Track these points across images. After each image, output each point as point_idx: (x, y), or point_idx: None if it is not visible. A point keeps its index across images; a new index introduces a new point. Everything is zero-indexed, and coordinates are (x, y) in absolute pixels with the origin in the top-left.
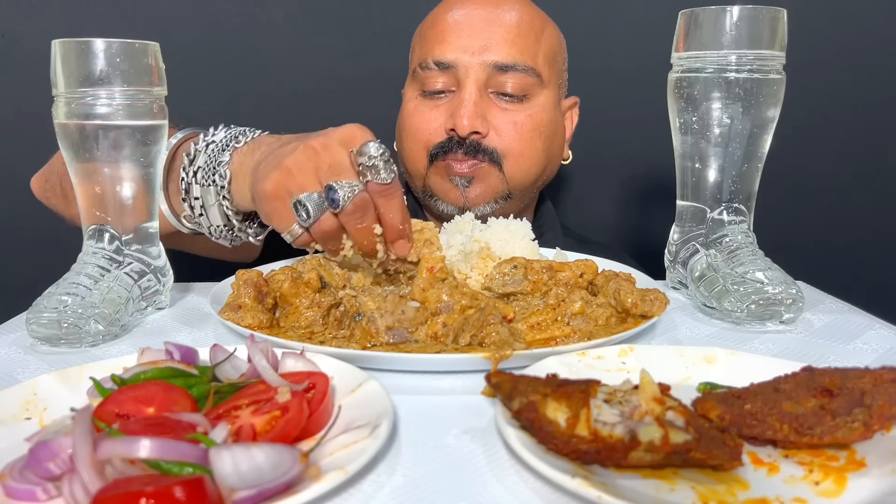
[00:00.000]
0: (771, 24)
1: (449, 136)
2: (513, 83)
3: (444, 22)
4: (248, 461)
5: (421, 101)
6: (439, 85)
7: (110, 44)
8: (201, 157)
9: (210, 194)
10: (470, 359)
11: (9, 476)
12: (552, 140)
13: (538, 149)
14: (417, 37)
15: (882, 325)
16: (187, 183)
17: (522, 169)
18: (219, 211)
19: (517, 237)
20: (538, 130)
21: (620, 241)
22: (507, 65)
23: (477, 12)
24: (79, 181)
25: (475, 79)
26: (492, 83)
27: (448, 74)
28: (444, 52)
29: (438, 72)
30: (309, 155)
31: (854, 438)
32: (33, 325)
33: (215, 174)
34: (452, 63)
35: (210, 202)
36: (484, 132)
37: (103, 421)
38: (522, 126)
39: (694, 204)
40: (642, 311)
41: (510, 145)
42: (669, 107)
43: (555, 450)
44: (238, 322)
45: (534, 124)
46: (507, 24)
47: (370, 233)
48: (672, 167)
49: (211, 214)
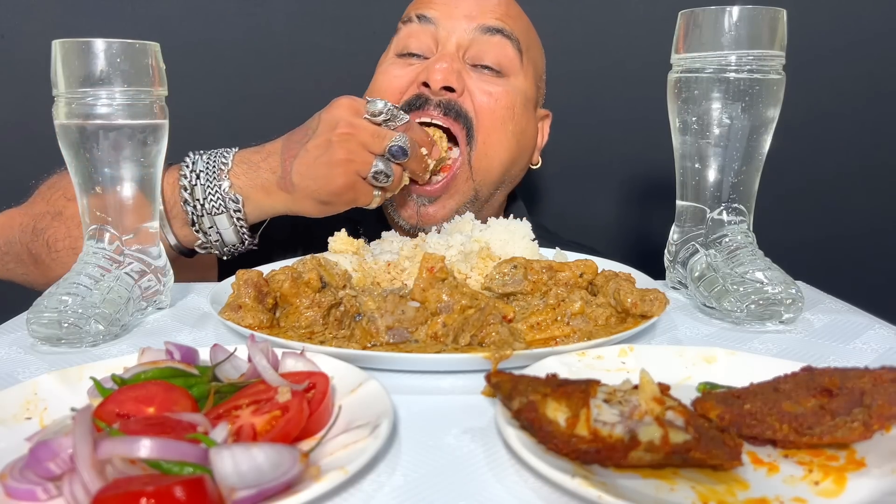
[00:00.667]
0: (771, 24)
1: (418, 93)
2: (494, 53)
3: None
4: (248, 461)
5: (394, 59)
6: (418, 44)
7: (110, 44)
8: (198, 190)
9: (224, 221)
10: (470, 359)
11: (9, 476)
12: (523, 134)
13: (508, 133)
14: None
15: (882, 325)
16: (197, 216)
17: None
18: (235, 234)
19: (517, 237)
20: (511, 111)
21: (620, 242)
22: (493, 27)
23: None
24: (79, 181)
25: (457, 41)
26: (471, 52)
27: (427, 33)
28: (429, 7)
29: (419, 26)
30: (349, 139)
31: (854, 438)
32: (34, 325)
33: (226, 200)
34: (435, 20)
35: (225, 226)
36: (458, 90)
37: (104, 421)
38: (497, 100)
39: (694, 204)
40: (642, 311)
41: (483, 115)
42: (669, 107)
43: (555, 450)
44: (238, 322)
45: (508, 102)
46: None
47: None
48: (672, 167)
49: (226, 237)
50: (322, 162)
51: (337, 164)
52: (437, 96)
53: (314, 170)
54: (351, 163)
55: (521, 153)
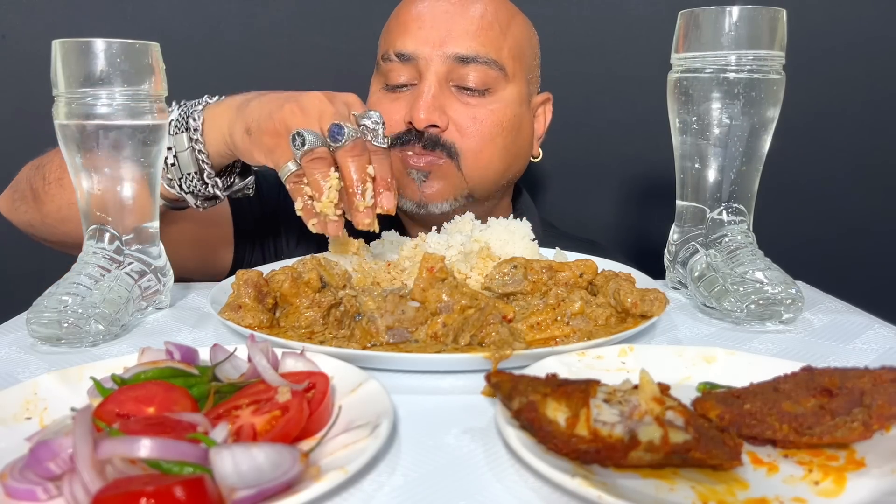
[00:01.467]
0: (770, 25)
1: (407, 129)
2: (474, 76)
3: (406, 13)
4: (248, 461)
5: (383, 94)
6: (402, 78)
7: (111, 44)
8: (174, 112)
9: (182, 140)
10: (470, 359)
11: (9, 476)
12: (516, 136)
13: (498, 146)
14: (383, 30)
15: (882, 325)
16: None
17: (480, 167)
18: (190, 157)
19: (517, 237)
20: (500, 126)
21: (620, 242)
22: (468, 56)
23: (440, 4)
24: (79, 181)
25: (435, 71)
26: (453, 76)
27: (409, 67)
28: (405, 44)
29: (400, 64)
30: (321, 99)
31: (853, 438)
32: (34, 325)
33: (188, 119)
34: (412, 55)
35: (182, 147)
36: (443, 126)
37: (104, 421)
38: (483, 122)
39: (693, 204)
40: (642, 310)
41: (469, 142)
42: (669, 107)
43: (555, 449)
44: (238, 322)
45: (495, 120)
46: (469, 16)
47: (364, 167)
48: (672, 167)
49: (182, 161)
50: (275, 99)
51: (281, 107)
52: (421, 131)
53: (267, 102)
54: (293, 114)
55: (516, 155)
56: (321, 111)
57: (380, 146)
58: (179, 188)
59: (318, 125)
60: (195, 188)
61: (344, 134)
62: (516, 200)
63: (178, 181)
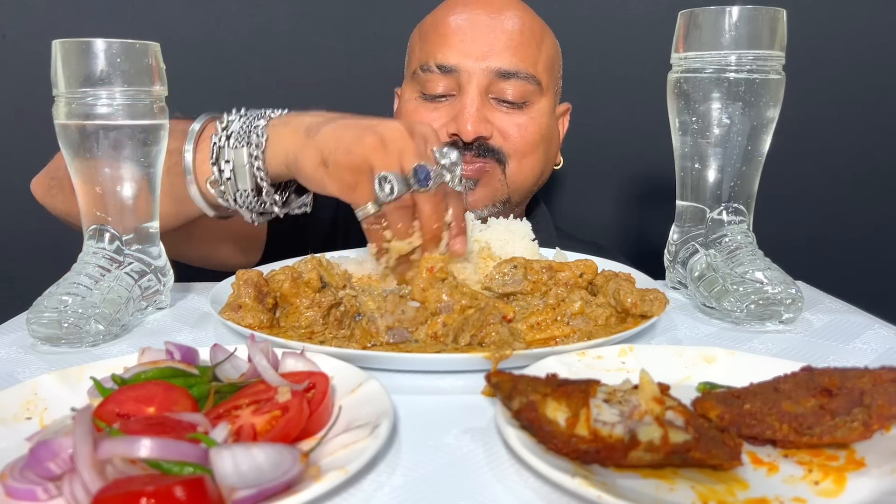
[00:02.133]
0: (770, 25)
1: (452, 141)
2: (513, 90)
3: (446, 25)
4: (248, 461)
5: (420, 102)
6: (440, 88)
7: (111, 44)
8: (236, 123)
9: (242, 156)
10: (470, 359)
11: (9, 476)
12: (549, 145)
13: (539, 153)
14: (417, 38)
15: (882, 325)
16: (218, 147)
17: (524, 172)
18: (249, 173)
19: (517, 237)
20: (539, 134)
21: (620, 242)
22: (509, 72)
23: (480, 17)
24: (79, 181)
25: (477, 84)
26: (493, 89)
27: (450, 78)
28: (447, 56)
29: (440, 75)
30: (402, 133)
31: (853, 438)
32: (34, 325)
33: (251, 134)
34: (455, 67)
35: (242, 163)
36: (488, 135)
37: (104, 421)
38: (525, 128)
39: (693, 204)
40: (642, 311)
41: (515, 147)
42: (669, 107)
43: (555, 449)
44: (238, 322)
45: (536, 128)
46: (509, 30)
47: (443, 215)
48: (671, 167)
49: (240, 177)
50: (351, 128)
51: (362, 140)
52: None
53: (343, 131)
54: (376, 150)
55: (549, 161)
56: (402, 149)
57: (455, 189)
58: (234, 201)
59: (399, 163)
60: (250, 204)
61: (431, 179)
62: (532, 210)
63: (234, 195)
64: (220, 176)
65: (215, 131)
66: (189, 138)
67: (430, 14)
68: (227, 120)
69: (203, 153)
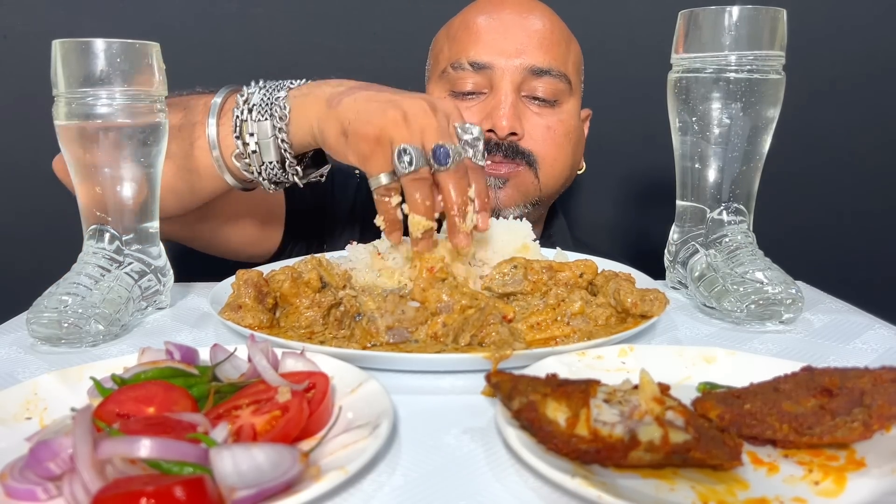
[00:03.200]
0: (771, 25)
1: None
2: (545, 88)
3: (476, 24)
4: (248, 461)
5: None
6: (470, 86)
7: (111, 44)
8: (256, 96)
9: (267, 128)
10: (470, 359)
11: (9, 476)
12: (577, 146)
13: (568, 154)
14: (445, 38)
15: (882, 325)
16: (241, 121)
17: (555, 174)
18: (273, 145)
19: (518, 237)
20: (568, 136)
21: (620, 242)
22: (542, 69)
23: (510, 17)
24: (79, 181)
25: (511, 80)
26: (525, 87)
27: (482, 75)
28: (480, 54)
29: (472, 72)
30: (425, 110)
31: (854, 438)
32: (34, 325)
33: (273, 107)
34: (488, 64)
35: (266, 136)
36: (521, 134)
37: (104, 421)
38: (555, 130)
39: (694, 204)
40: (642, 310)
41: (545, 149)
42: (669, 107)
43: (555, 450)
44: (238, 322)
45: (565, 129)
46: (539, 29)
47: (466, 190)
48: (672, 167)
49: (264, 150)
50: (377, 103)
51: (384, 113)
52: (502, 139)
53: (365, 103)
54: (397, 124)
55: (575, 164)
56: (424, 125)
57: (478, 163)
58: (258, 174)
59: (421, 140)
60: (273, 175)
61: (450, 157)
62: (551, 220)
63: (259, 167)
64: (244, 149)
65: (236, 104)
66: (212, 112)
67: (457, 16)
68: (248, 92)
69: (226, 126)
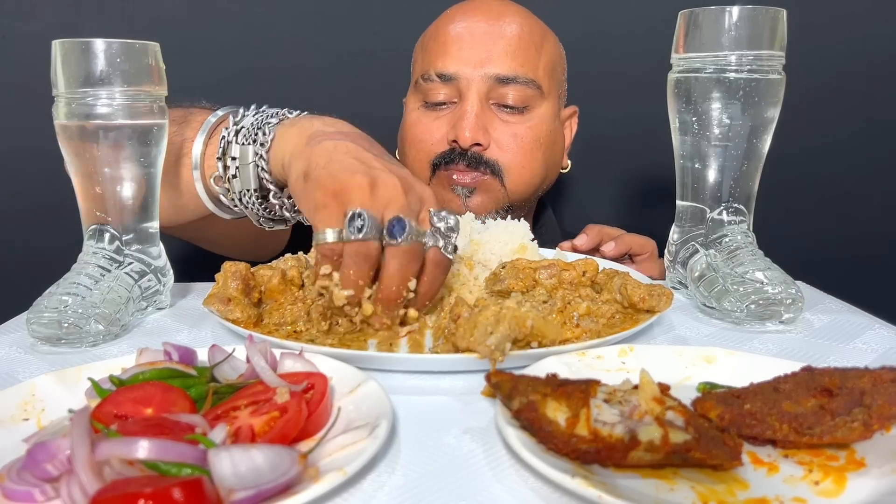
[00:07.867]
0: (771, 25)
1: (451, 148)
2: (513, 95)
3: (445, 34)
4: (246, 462)
5: (423, 112)
6: (441, 96)
7: (110, 44)
8: (249, 119)
9: (248, 153)
10: (470, 359)
11: (6, 477)
12: (551, 151)
13: (538, 160)
14: (419, 48)
15: (882, 325)
16: (227, 142)
17: (523, 181)
18: (253, 172)
19: (517, 237)
20: (538, 142)
21: None
22: (508, 77)
23: (478, 25)
24: (79, 181)
25: (476, 91)
26: (493, 95)
27: (450, 86)
28: (446, 65)
29: (440, 83)
30: (396, 188)
31: (854, 438)
32: (34, 325)
33: (258, 132)
34: (454, 75)
35: (246, 161)
36: (485, 144)
37: (101, 422)
38: (523, 139)
39: (693, 204)
40: (649, 305)
41: (511, 158)
42: (669, 107)
43: (555, 450)
44: (227, 316)
45: (534, 136)
46: (507, 36)
47: (406, 280)
48: (672, 167)
49: (243, 175)
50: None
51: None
52: (465, 150)
53: (341, 155)
54: (361, 189)
55: (552, 166)
56: (390, 200)
57: (446, 256)
58: (239, 201)
59: (382, 211)
60: (255, 206)
61: (405, 232)
62: (539, 216)
63: (238, 195)
64: (224, 172)
65: (227, 125)
66: (203, 129)
67: (432, 25)
68: (242, 115)
69: (212, 147)
